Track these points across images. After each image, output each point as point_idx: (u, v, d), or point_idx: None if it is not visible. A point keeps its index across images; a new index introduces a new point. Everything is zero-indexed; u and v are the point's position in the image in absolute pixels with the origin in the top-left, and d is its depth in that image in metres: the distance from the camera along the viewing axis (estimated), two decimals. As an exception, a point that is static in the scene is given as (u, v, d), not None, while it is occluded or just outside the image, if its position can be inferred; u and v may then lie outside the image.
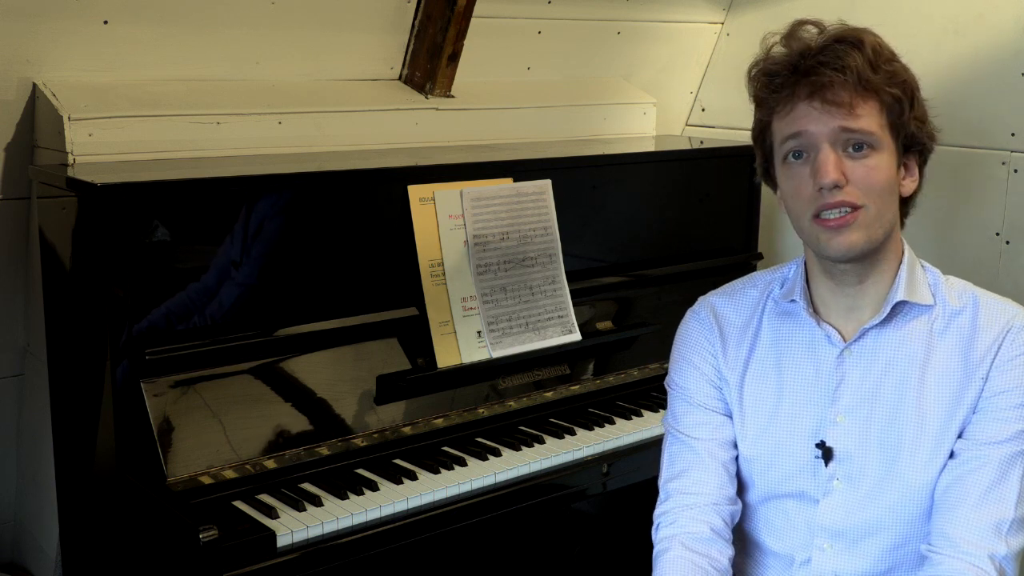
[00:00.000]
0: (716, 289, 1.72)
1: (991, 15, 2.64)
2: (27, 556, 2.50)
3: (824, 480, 1.55)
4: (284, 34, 2.42)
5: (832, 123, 1.45)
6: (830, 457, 1.55)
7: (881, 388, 1.54)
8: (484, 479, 2.02)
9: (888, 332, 1.54)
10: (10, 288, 2.35)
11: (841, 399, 1.55)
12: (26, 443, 2.46)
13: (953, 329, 1.53)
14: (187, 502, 1.81)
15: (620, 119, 3.06)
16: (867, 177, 1.45)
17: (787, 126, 1.49)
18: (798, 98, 1.47)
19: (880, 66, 1.46)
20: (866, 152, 1.46)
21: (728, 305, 1.67)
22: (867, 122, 1.45)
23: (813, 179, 1.46)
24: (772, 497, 1.61)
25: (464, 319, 2.25)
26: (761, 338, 1.63)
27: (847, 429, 1.55)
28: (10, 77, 2.13)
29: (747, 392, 1.62)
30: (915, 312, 1.54)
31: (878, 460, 1.53)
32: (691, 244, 2.79)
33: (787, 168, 1.51)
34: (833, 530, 1.55)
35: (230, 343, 1.97)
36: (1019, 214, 2.61)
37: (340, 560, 1.81)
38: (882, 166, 1.47)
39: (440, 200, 2.25)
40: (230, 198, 2.00)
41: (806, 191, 1.47)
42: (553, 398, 2.36)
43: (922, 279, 1.56)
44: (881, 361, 1.54)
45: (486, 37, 2.69)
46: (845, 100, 1.44)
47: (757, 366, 1.62)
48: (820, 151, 1.46)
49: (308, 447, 1.98)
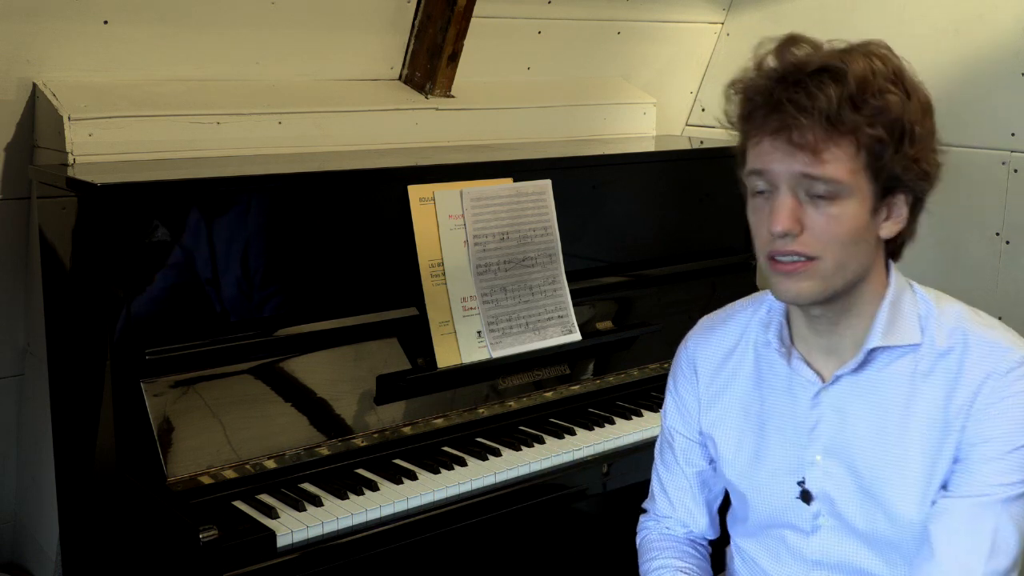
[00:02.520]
0: (705, 317, 1.68)
1: (991, 15, 2.64)
2: (27, 556, 2.50)
3: (810, 518, 1.51)
4: (284, 34, 2.42)
5: (793, 167, 1.33)
6: (809, 498, 1.49)
7: (859, 432, 1.46)
8: (484, 479, 2.02)
9: (865, 376, 1.45)
10: (10, 288, 2.35)
11: (818, 440, 1.48)
12: (26, 443, 2.46)
13: (939, 371, 1.42)
14: (187, 502, 1.81)
15: (620, 119, 3.06)
16: (827, 228, 1.34)
17: (754, 159, 1.39)
18: (765, 132, 1.36)
19: (866, 100, 1.32)
20: (830, 200, 1.34)
21: (705, 344, 1.62)
22: (833, 168, 1.32)
23: (768, 222, 1.36)
24: (768, 526, 1.57)
25: (464, 319, 2.25)
26: (743, 369, 1.57)
27: (825, 470, 1.48)
28: (10, 77, 2.14)
29: (729, 425, 1.58)
30: (897, 353, 1.43)
31: (861, 504, 1.46)
32: (691, 244, 2.79)
33: (753, 201, 1.42)
34: (827, 564, 1.51)
35: (230, 343, 1.97)
36: (1019, 214, 2.61)
37: (340, 560, 1.81)
38: (847, 216, 1.34)
39: (440, 200, 2.25)
40: (230, 198, 2.00)
41: (763, 231, 1.38)
42: (553, 398, 2.36)
43: (910, 314, 1.44)
44: (858, 405, 1.46)
45: (486, 37, 2.69)
46: (810, 143, 1.31)
47: (738, 399, 1.57)
48: (779, 194, 1.35)
49: (308, 447, 1.98)
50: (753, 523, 1.60)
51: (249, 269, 2.02)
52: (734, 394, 1.58)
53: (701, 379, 1.61)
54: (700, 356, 1.62)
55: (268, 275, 2.04)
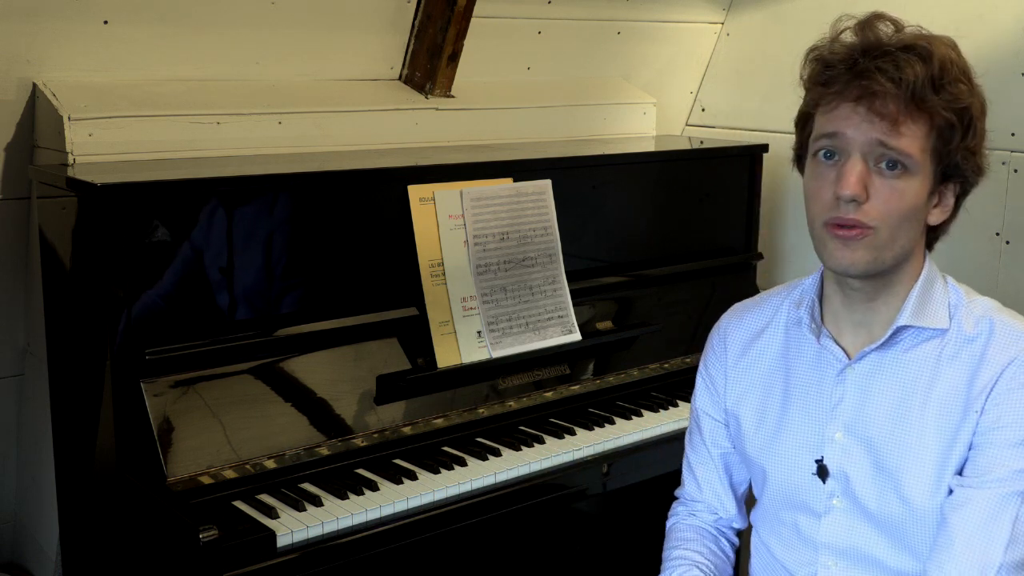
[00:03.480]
0: (739, 303, 1.71)
1: (991, 15, 2.64)
2: (27, 556, 2.50)
3: (824, 497, 1.52)
4: (284, 34, 2.42)
5: (871, 134, 1.36)
6: (826, 474, 1.51)
7: (879, 411, 1.48)
8: (484, 479, 2.02)
9: (891, 355, 1.48)
10: (10, 288, 2.35)
11: (840, 417, 1.51)
12: (26, 443, 2.46)
13: (963, 357, 1.45)
14: (187, 502, 1.81)
15: (620, 119, 3.06)
16: (889, 200, 1.38)
17: (826, 123, 1.41)
18: (845, 98, 1.38)
19: (944, 86, 1.37)
20: (898, 173, 1.37)
21: (737, 323, 1.67)
22: (908, 143, 1.37)
23: (835, 185, 1.39)
24: (782, 507, 1.59)
25: (464, 319, 2.25)
26: (772, 348, 1.61)
27: (845, 448, 1.50)
28: (10, 77, 2.13)
29: (753, 401, 1.61)
30: (924, 336, 1.47)
31: (876, 484, 1.48)
32: (691, 244, 2.79)
33: (815, 165, 1.44)
34: (836, 549, 1.52)
35: (230, 343, 1.98)
36: (1019, 214, 2.61)
37: (340, 560, 1.81)
38: (909, 192, 1.39)
39: (440, 200, 2.25)
40: (230, 198, 2.00)
41: (826, 195, 1.40)
42: (553, 398, 2.36)
43: (940, 301, 1.48)
44: (882, 383, 1.49)
45: (486, 37, 2.69)
46: (891, 113, 1.35)
47: (764, 376, 1.61)
48: (850, 159, 1.38)
49: (308, 447, 1.98)
50: (767, 505, 1.62)
51: (249, 269, 2.02)
52: (760, 371, 1.62)
53: (730, 354, 1.65)
54: (731, 333, 1.67)
55: (268, 275, 2.04)
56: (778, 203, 3.02)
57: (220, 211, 1.99)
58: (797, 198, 3.06)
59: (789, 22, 3.06)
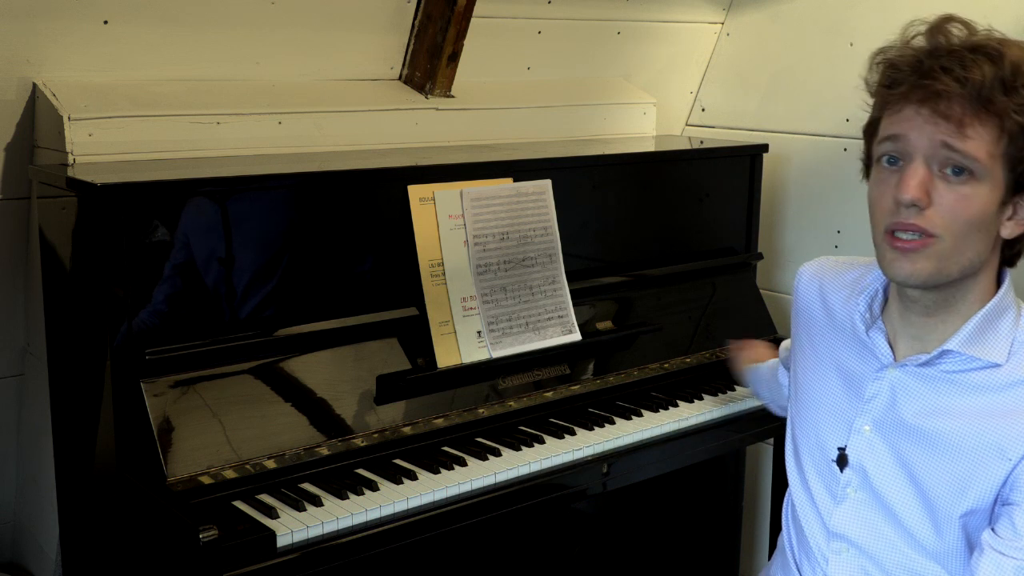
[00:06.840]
0: (825, 258, 1.69)
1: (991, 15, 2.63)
2: (27, 556, 2.51)
3: (840, 485, 1.51)
4: (284, 34, 2.42)
5: (935, 136, 1.31)
6: (844, 463, 1.50)
7: (910, 419, 1.44)
8: (484, 479, 2.02)
9: (934, 373, 1.43)
10: (10, 288, 2.35)
11: (870, 411, 1.49)
12: (26, 443, 2.46)
13: (1009, 396, 1.38)
14: (187, 502, 1.81)
15: (620, 119, 3.06)
16: (954, 206, 1.31)
17: (890, 126, 1.36)
18: (909, 100, 1.34)
19: (1017, 87, 1.31)
20: (964, 178, 1.31)
21: (833, 277, 1.64)
22: (975, 146, 1.30)
23: (896, 190, 1.34)
24: (810, 481, 1.57)
25: (464, 319, 2.25)
26: (836, 321, 1.58)
27: (869, 441, 1.48)
28: (10, 77, 2.13)
29: (814, 362, 1.60)
30: (975, 365, 1.40)
31: (896, 478, 1.45)
32: (691, 244, 2.79)
33: (878, 171, 1.39)
34: (847, 538, 1.51)
35: (230, 343, 1.98)
36: (1019, 214, 2.60)
37: (340, 560, 1.81)
38: (977, 198, 1.32)
39: (440, 200, 2.25)
40: (230, 198, 2.00)
41: (887, 201, 1.35)
42: (553, 398, 2.36)
43: (1005, 334, 1.40)
44: (917, 396, 1.45)
45: (486, 37, 2.69)
46: (956, 115, 1.30)
47: (827, 345, 1.59)
48: (912, 163, 1.33)
49: (308, 447, 1.98)
50: (800, 471, 1.60)
51: (249, 269, 2.02)
52: (828, 338, 1.59)
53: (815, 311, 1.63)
54: (827, 283, 1.63)
55: (268, 275, 2.05)
56: (778, 203, 3.02)
57: (220, 211, 1.99)
58: (797, 198, 3.07)
59: (789, 22, 3.06)
